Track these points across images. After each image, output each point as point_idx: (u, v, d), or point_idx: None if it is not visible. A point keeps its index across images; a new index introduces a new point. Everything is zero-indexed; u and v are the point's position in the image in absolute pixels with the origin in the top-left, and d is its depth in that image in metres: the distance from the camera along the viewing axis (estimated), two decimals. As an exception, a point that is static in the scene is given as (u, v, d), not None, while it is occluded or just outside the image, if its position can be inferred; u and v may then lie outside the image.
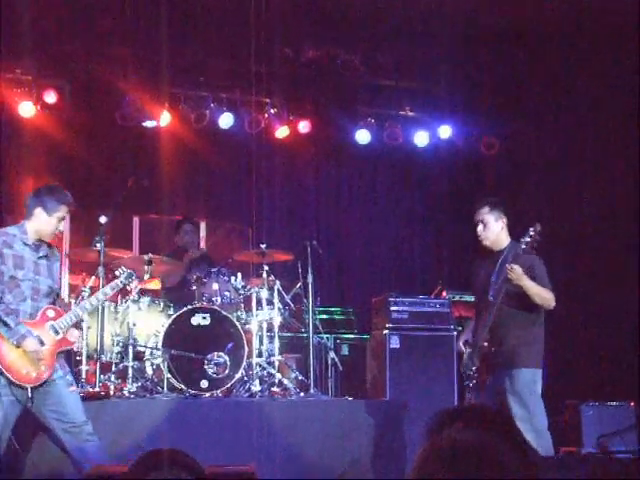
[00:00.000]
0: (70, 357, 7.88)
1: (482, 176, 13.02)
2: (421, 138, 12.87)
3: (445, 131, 12.80)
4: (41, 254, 6.64)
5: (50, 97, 11.27)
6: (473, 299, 7.33)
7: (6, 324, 6.32)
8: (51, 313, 6.57)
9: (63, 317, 6.59)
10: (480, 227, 7.10)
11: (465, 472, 1.78)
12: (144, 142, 11.92)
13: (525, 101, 12.19)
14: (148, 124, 11.69)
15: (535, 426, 6.79)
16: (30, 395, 6.32)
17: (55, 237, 6.81)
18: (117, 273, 7.22)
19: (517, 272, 6.66)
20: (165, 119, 11.77)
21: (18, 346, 6.34)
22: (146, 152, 11.89)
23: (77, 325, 7.05)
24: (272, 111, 12.30)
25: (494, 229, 7.11)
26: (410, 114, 12.92)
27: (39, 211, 6.58)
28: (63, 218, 6.73)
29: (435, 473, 1.80)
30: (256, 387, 8.81)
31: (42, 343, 6.42)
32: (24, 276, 6.48)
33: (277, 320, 9.24)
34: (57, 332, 6.52)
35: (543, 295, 6.87)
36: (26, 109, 11.21)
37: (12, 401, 6.36)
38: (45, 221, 6.59)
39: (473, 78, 12.08)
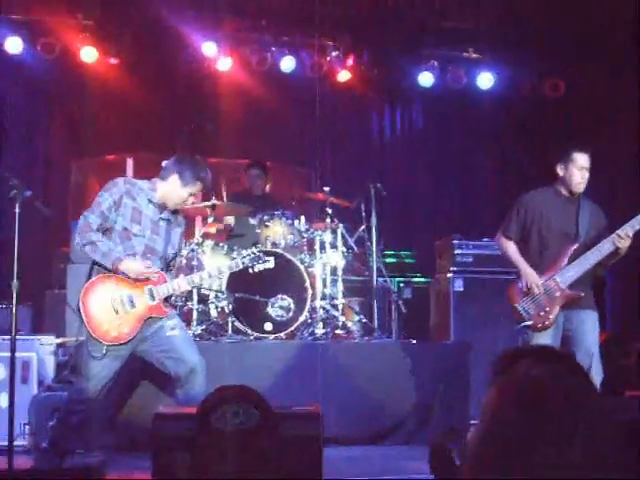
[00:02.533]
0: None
1: (547, 119, 12.82)
2: (485, 80, 12.70)
3: (508, 72, 12.63)
4: (163, 216, 6.48)
5: (111, 42, 11.28)
6: (538, 234, 7.13)
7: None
8: (154, 277, 6.37)
9: (165, 284, 6.37)
10: (585, 173, 6.95)
11: (543, 405, 1.75)
12: (206, 86, 11.92)
13: (593, 40, 11.89)
14: (206, 68, 11.67)
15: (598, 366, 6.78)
16: (104, 352, 6.18)
17: (179, 207, 6.64)
18: (244, 252, 7.08)
19: (626, 243, 6.66)
20: (226, 63, 11.74)
21: (115, 271, 6.22)
22: (208, 96, 11.90)
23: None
24: (334, 54, 12.20)
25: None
26: (474, 56, 12.75)
27: (175, 178, 6.44)
28: (194, 194, 6.60)
29: (512, 410, 1.77)
30: (320, 330, 8.82)
31: (133, 305, 6.28)
32: (139, 231, 6.33)
33: (340, 263, 9.23)
34: (153, 298, 6.32)
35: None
36: (88, 54, 11.24)
37: (117, 356, 6.31)
38: (176, 190, 6.45)
39: (538, 17, 11.82)
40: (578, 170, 6.88)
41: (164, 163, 6.64)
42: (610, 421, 1.77)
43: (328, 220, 9.28)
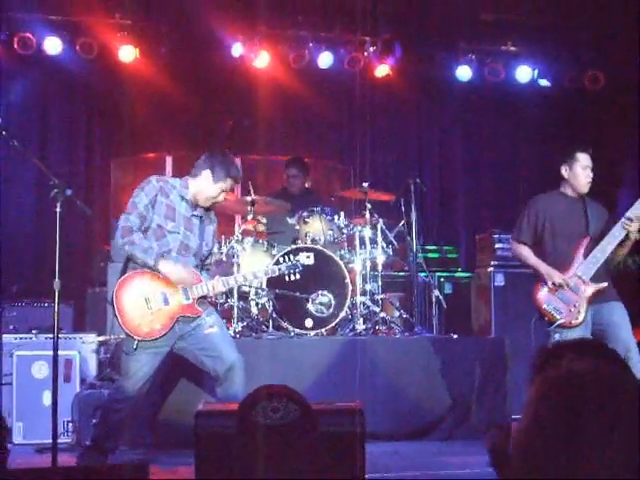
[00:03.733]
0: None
1: (587, 112, 12.74)
2: (523, 74, 12.62)
3: (546, 65, 12.55)
4: (196, 213, 6.48)
5: (149, 41, 11.33)
6: (550, 237, 7.16)
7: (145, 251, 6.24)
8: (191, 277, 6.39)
9: (200, 284, 6.36)
10: (590, 172, 7.00)
11: (588, 399, 1.73)
12: (243, 83, 11.93)
13: (633, 30, 11.76)
14: (244, 65, 11.69)
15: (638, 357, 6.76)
16: (135, 347, 6.20)
17: (211, 204, 6.61)
18: (280, 259, 7.06)
19: (635, 226, 6.71)
20: (264, 60, 11.75)
21: (155, 279, 6.25)
22: (246, 93, 11.91)
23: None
24: (372, 49, 12.18)
25: None
26: (512, 49, 12.67)
27: (207, 174, 6.44)
28: (226, 190, 6.56)
29: (556, 405, 1.75)
30: (360, 325, 8.80)
31: (167, 302, 6.29)
32: (173, 228, 6.34)
33: (380, 259, 9.21)
34: (188, 297, 6.33)
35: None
36: (126, 54, 11.29)
37: (155, 353, 6.34)
38: (208, 186, 6.45)
39: (575, 8, 11.73)
40: (582, 170, 6.99)
41: (197, 160, 6.65)
42: None
43: (368, 216, 9.26)
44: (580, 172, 6.96)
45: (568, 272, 6.81)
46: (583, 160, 6.97)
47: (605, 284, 6.79)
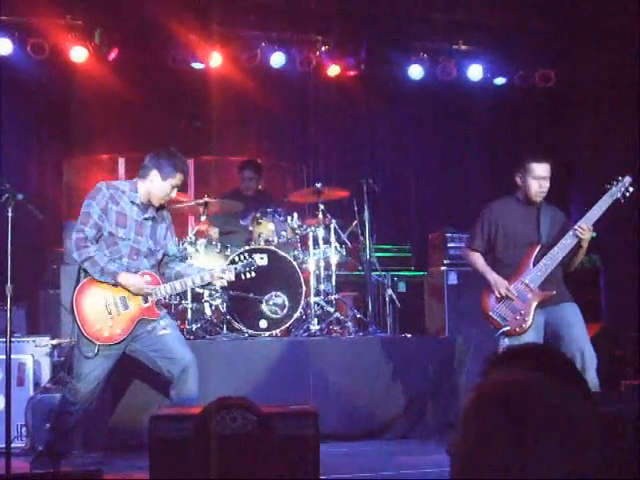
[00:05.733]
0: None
1: (538, 110, 12.84)
2: (475, 72, 12.68)
3: (498, 64, 12.63)
4: (147, 215, 6.46)
5: (101, 41, 11.26)
6: (502, 244, 7.21)
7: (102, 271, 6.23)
8: (147, 278, 6.38)
9: (158, 286, 6.39)
10: (544, 182, 7.00)
11: (512, 413, 1.72)
12: (196, 84, 11.89)
13: (585, 29, 11.84)
14: (196, 66, 11.65)
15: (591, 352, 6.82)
16: (96, 352, 6.20)
17: (165, 202, 6.63)
18: (235, 259, 7.00)
19: (588, 234, 6.76)
20: (216, 60, 11.72)
21: (115, 285, 6.25)
22: (198, 94, 11.87)
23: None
24: (323, 49, 12.19)
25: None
26: (463, 47, 12.73)
27: (154, 174, 6.42)
28: (176, 186, 6.55)
29: (500, 420, 1.74)
30: (315, 326, 8.82)
31: (126, 306, 6.30)
32: (125, 235, 6.32)
33: (334, 259, 9.24)
34: (146, 300, 6.35)
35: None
36: (78, 54, 11.21)
37: (108, 355, 6.33)
38: (158, 185, 6.43)
39: (527, 6, 11.80)
40: (535, 180, 6.96)
41: (143, 162, 6.64)
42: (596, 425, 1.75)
43: (321, 216, 9.28)
44: (532, 182, 6.92)
45: (517, 280, 6.85)
46: (536, 171, 6.92)
47: (553, 292, 6.82)
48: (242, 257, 6.99)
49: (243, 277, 6.92)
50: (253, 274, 6.97)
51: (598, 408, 1.80)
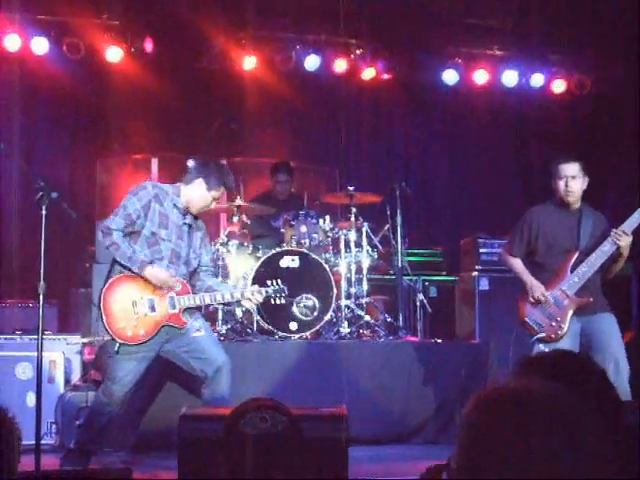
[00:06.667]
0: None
1: (573, 116, 12.78)
2: (510, 78, 12.63)
3: (533, 70, 12.57)
4: (186, 221, 6.50)
5: (137, 42, 11.30)
6: (542, 249, 7.16)
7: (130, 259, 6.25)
8: (178, 286, 6.41)
9: (188, 295, 6.42)
10: (571, 182, 6.94)
11: (507, 419, 1.68)
12: (230, 85, 11.92)
13: (621, 38, 11.77)
14: (231, 67, 11.69)
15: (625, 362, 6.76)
16: (117, 350, 6.26)
17: (201, 213, 6.67)
18: (268, 282, 7.01)
19: (626, 240, 6.69)
20: (251, 62, 11.74)
21: (145, 286, 6.30)
22: (232, 95, 11.90)
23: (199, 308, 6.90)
24: (358, 52, 12.18)
25: (582, 186, 6.99)
26: (498, 53, 12.68)
27: (200, 182, 6.46)
28: (217, 199, 6.63)
29: (503, 430, 1.69)
30: (345, 329, 8.81)
31: (153, 309, 6.33)
32: (166, 236, 6.36)
33: (365, 262, 9.21)
34: (174, 306, 6.37)
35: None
36: (113, 54, 11.26)
37: (142, 358, 6.38)
38: (201, 194, 6.47)
39: (564, 13, 11.75)
40: (561, 180, 6.90)
41: (190, 163, 6.67)
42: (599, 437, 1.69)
43: (353, 219, 9.27)
44: (559, 183, 6.88)
45: (554, 287, 6.82)
46: (563, 171, 6.87)
47: (589, 299, 6.77)
48: (275, 283, 6.96)
49: (272, 302, 6.95)
50: (283, 300, 6.98)
51: (626, 418, 1.76)
